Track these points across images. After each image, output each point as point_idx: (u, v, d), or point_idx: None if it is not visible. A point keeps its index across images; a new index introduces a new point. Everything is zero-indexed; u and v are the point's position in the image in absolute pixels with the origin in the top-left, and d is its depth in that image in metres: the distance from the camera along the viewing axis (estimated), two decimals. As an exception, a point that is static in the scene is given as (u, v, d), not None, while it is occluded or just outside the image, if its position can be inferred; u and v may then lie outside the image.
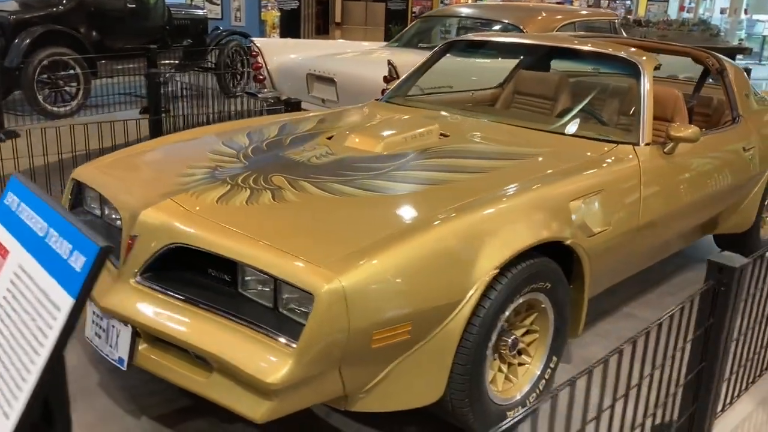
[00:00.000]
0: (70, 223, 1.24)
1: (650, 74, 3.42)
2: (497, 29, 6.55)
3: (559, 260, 2.70)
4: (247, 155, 2.93)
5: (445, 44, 4.26)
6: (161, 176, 2.74)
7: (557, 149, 3.12)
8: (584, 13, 7.62)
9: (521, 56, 4.41)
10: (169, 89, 6.11)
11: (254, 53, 6.51)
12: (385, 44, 7.40)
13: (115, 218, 2.76)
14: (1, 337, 1.31)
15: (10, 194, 1.49)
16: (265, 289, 2.22)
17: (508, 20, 6.54)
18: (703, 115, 4.46)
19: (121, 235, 2.47)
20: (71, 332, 1.19)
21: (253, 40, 6.74)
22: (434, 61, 4.25)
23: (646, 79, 3.39)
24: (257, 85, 6.58)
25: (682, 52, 4.22)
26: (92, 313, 2.51)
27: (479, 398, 2.45)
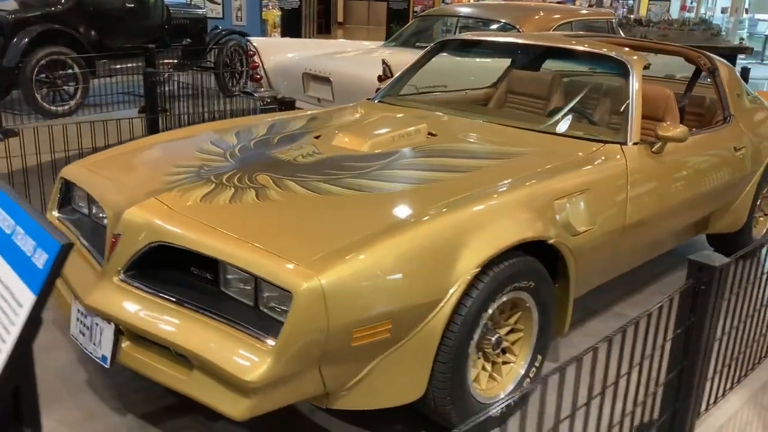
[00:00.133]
0: (35, 221, 1.25)
1: (639, 74, 3.42)
2: (495, 28, 6.56)
3: (544, 259, 2.71)
4: (233, 154, 2.94)
5: (436, 44, 4.27)
6: (147, 175, 2.76)
7: (544, 149, 3.12)
8: (584, 12, 7.62)
9: (512, 56, 4.41)
10: (167, 88, 6.13)
11: (251, 52, 6.53)
12: (382, 44, 7.41)
13: (102, 217, 2.77)
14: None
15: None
16: (246, 287, 2.23)
17: (505, 19, 6.54)
18: (695, 114, 4.46)
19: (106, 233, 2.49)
20: (35, 328, 1.20)
21: (249, 39, 6.75)
22: (426, 60, 4.26)
23: (635, 78, 3.39)
24: (254, 84, 6.59)
25: (674, 51, 4.22)
26: (77, 311, 2.53)
27: (462, 396, 2.46)
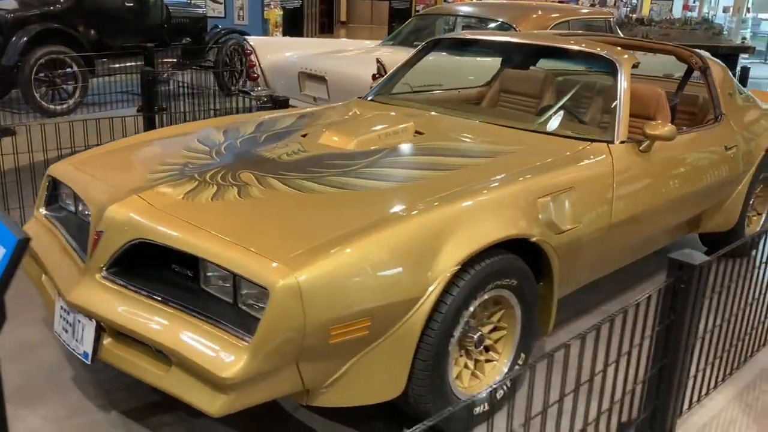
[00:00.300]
0: (-4, 216, 1.26)
1: (628, 72, 3.41)
2: (492, 27, 6.56)
3: (528, 257, 2.71)
4: (219, 152, 2.95)
5: (427, 42, 4.27)
6: (133, 173, 2.77)
7: (531, 147, 3.12)
8: (582, 11, 7.61)
9: (504, 55, 4.41)
10: (167, 87, 6.14)
11: (248, 51, 6.54)
12: (380, 43, 7.41)
13: (87, 214, 2.77)
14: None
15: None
16: (225, 284, 2.24)
17: (502, 18, 6.55)
18: (688, 113, 4.46)
19: (90, 230, 2.50)
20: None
21: (246, 38, 6.77)
22: (418, 59, 4.26)
23: (623, 77, 3.39)
24: (251, 83, 6.60)
25: (665, 50, 4.22)
26: (60, 308, 2.54)
27: (442, 394, 2.46)
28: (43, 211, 2.99)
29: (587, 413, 2.05)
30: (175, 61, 9.14)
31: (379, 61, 5.29)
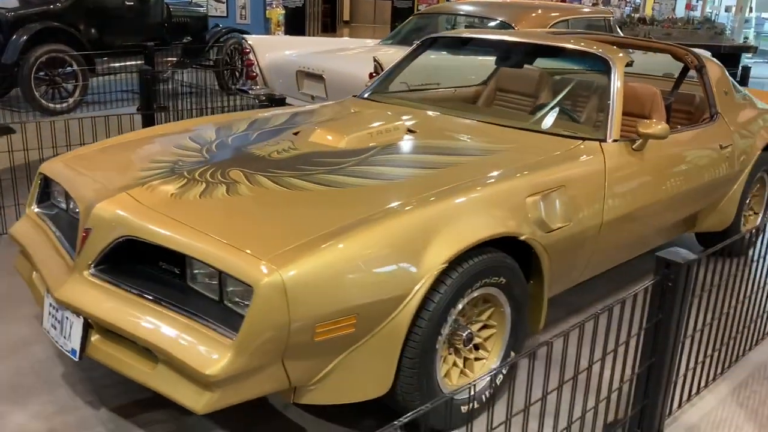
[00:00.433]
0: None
1: (621, 71, 3.41)
2: (491, 26, 6.55)
3: (518, 256, 2.71)
4: (210, 150, 2.96)
5: (423, 41, 4.27)
6: (123, 170, 2.77)
7: (523, 146, 3.12)
8: (582, 10, 7.60)
9: (498, 53, 4.39)
10: (168, 86, 6.15)
11: (246, 50, 6.54)
12: (379, 41, 7.41)
13: (77, 211, 2.78)
14: None
15: None
16: (211, 282, 2.24)
17: (501, 17, 6.54)
18: (684, 112, 4.45)
19: (81, 228, 2.50)
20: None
21: (245, 37, 6.77)
22: (413, 58, 4.26)
23: (616, 75, 3.38)
24: (249, 82, 6.61)
25: (661, 48, 4.21)
26: (49, 304, 2.54)
27: (430, 392, 2.46)
28: (35, 208, 3.00)
29: (571, 412, 2.05)
30: (175, 60, 9.15)
31: (376, 59, 5.29)
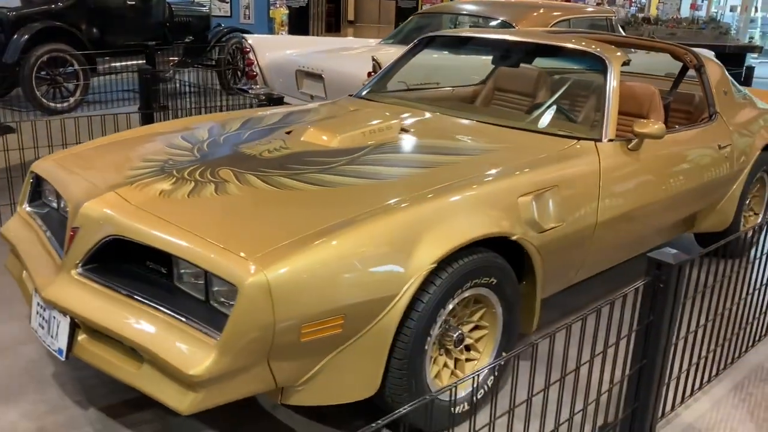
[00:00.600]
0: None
1: (617, 70, 3.38)
2: (492, 26, 6.52)
3: (511, 256, 2.69)
4: (201, 149, 2.94)
5: (420, 40, 4.24)
6: (113, 169, 2.75)
7: (517, 145, 3.09)
8: (585, 9, 7.56)
9: (495, 53, 4.36)
10: (169, 86, 6.14)
11: (246, 50, 6.53)
12: (380, 41, 7.39)
13: (68, 210, 2.77)
14: None
15: None
16: (197, 281, 2.23)
17: (502, 17, 6.51)
18: (684, 112, 4.41)
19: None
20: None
21: (245, 36, 6.76)
22: (410, 57, 4.24)
23: (612, 74, 3.35)
24: (249, 81, 6.60)
25: (660, 48, 4.18)
26: (36, 304, 2.53)
27: (419, 393, 2.44)
28: (26, 207, 2.99)
29: (558, 414, 2.02)
30: (177, 59, 9.15)
31: (374, 59, 5.27)
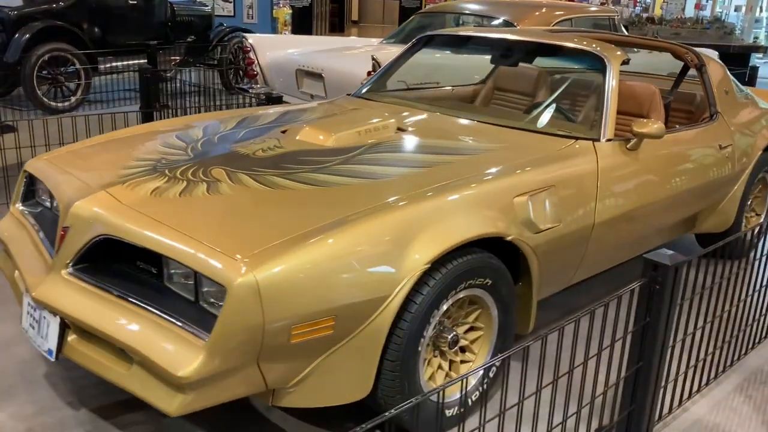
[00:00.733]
0: None
1: (617, 69, 3.34)
2: (494, 25, 6.49)
3: (507, 256, 2.66)
4: (195, 148, 2.92)
5: (418, 39, 4.22)
6: (106, 168, 2.73)
7: (515, 145, 3.06)
8: (593, 9, 7.52)
9: (495, 52, 4.32)
10: (171, 85, 6.12)
11: (246, 49, 6.51)
12: (382, 40, 7.36)
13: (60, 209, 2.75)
14: None
15: None
16: (187, 282, 2.20)
17: (504, 16, 6.48)
18: (685, 111, 4.38)
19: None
20: None
21: (245, 35, 6.74)
22: (408, 56, 4.21)
23: (611, 74, 3.32)
24: (249, 80, 6.57)
25: (660, 47, 4.14)
26: (27, 304, 2.51)
27: (413, 395, 2.41)
28: (19, 206, 2.97)
29: (551, 418, 1.99)
30: (179, 59, 9.14)
31: (374, 58, 5.24)
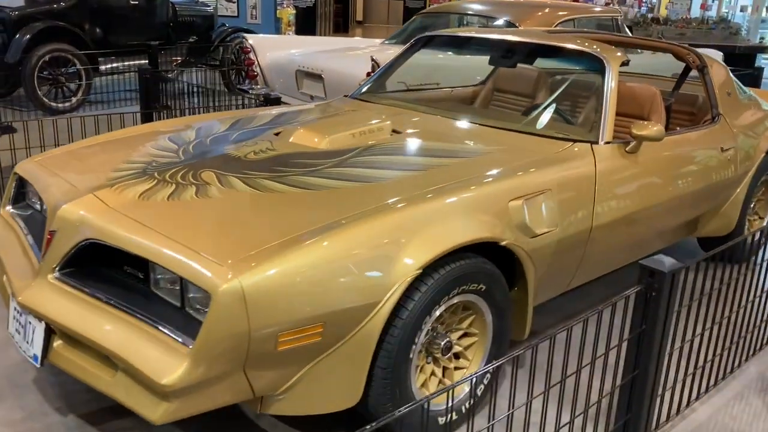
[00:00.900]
0: None
1: (616, 70, 3.29)
2: (496, 25, 6.45)
3: (503, 261, 2.61)
4: (186, 150, 2.88)
5: (416, 40, 4.17)
6: (96, 171, 2.70)
7: (511, 147, 3.01)
8: (597, 10, 7.47)
9: (494, 52, 4.27)
10: (173, 86, 6.08)
11: (246, 50, 6.48)
12: (383, 41, 7.32)
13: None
14: None
15: None
16: (174, 287, 2.16)
17: (506, 16, 6.44)
18: (686, 113, 4.32)
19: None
20: None
21: (245, 36, 6.71)
22: (406, 57, 4.17)
23: (610, 75, 3.27)
24: (249, 81, 6.54)
25: (662, 48, 4.09)
26: (13, 308, 2.47)
27: (404, 402, 2.36)
28: (9, 209, 2.94)
29: (542, 428, 1.95)
30: (180, 59, 9.11)
31: (373, 59, 5.20)
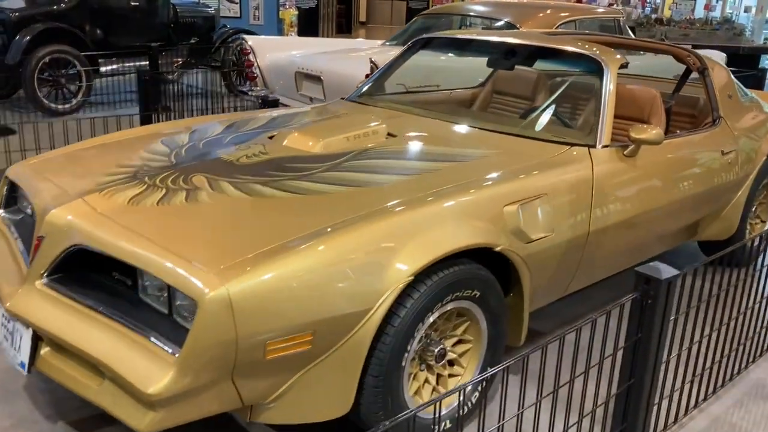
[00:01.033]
0: None
1: (614, 73, 3.25)
2: (497, 27, 6.41)
3: (498, 266, 2.58)
4: (178, 154, 2.85)
5: (414, 42, 4.13)
6: (86, 175, 2.67)
7: (507, 151, 2.98)
8: (600, 11, 7.43)
9: (492, 54, 4.22)
10: (173, 87, 6.06)
11: (246, 51, 6.45)
12: (384, 42, 7.28)
13: (38, 218, 2.69)
14: None
15: None
16: (161, 294, 2.13)
17: (506, 18, 6.40)
18: (687, 116, 4.28)
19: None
20: None
21: (245, 37, 6.68)
22: (404, 59, 4.13)
23: (609, 78, 3.23)
24: (249, 83, 6.52)
25: (662, 50, 4.05)
26: (1, 315, 2.45)
27: (397, 411, 2.33)
28: (0, 213, 2.91)
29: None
30: (181, 61, 9.09)
31: (371, 60, 5.17)
